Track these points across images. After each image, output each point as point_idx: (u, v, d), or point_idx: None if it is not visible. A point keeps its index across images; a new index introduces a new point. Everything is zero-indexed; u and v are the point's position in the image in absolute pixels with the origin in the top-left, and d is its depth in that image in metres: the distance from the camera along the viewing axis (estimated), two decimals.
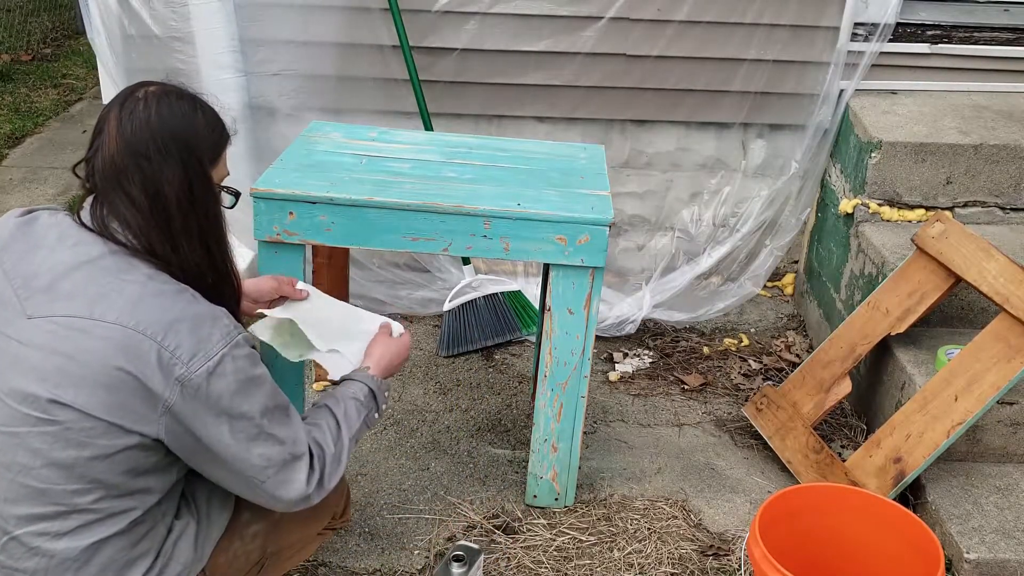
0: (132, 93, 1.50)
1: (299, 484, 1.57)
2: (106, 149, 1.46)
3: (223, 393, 1.45)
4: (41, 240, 1.48)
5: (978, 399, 2.30)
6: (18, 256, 1.48)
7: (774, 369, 3.15)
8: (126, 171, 1.45)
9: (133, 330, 1.39)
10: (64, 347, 1.40)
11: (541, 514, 2.43)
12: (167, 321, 1.41)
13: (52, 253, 1.46)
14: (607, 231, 2.13)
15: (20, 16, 6.24)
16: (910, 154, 2.99)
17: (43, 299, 1.43)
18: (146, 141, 1.46)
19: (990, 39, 3.33)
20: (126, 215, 1.46)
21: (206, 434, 1.46)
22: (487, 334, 3.17)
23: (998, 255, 2.45)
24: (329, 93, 3.22)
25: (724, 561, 2.30)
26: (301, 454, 1.58)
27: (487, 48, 3.17)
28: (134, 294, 1.42)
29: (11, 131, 4.82)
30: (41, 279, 1.44)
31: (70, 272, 1.44)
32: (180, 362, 1.41)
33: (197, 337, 1.43)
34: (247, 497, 1.59)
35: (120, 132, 1.46)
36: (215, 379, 1.43)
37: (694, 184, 3.47)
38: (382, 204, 2.12)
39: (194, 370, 1.42)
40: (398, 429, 2.75)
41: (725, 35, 3.19)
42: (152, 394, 1.40)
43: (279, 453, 1.54)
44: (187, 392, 1.42)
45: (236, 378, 1.46)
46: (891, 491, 2.33)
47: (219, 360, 1.44)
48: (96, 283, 1.42)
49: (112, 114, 1.48)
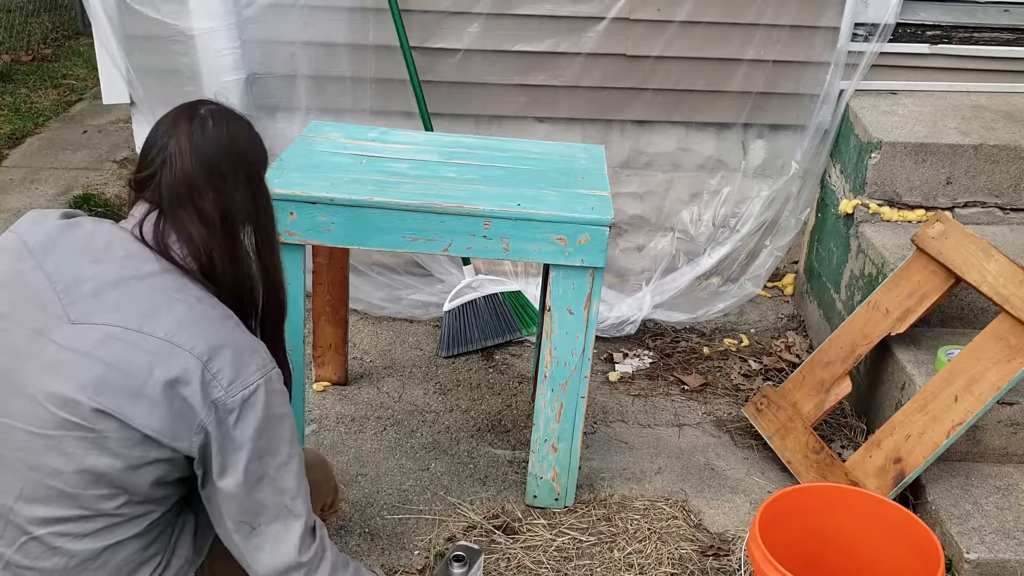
0: (194, 111, 1.52)
1: (289, 546, 1.53)
2: (177, 166, 1.48)
3: (250, 423, 1.46)
4: (86, 247, 1.48)
5: (978, 399, 2.30)
6: (61, 260, 1.47)
7: (774, 369, 3.15)
8: (200, 188, 1.48)
9: (182, 348, 1.41)
10: (109, 356, 1.39)
11: (541, 514, 2.43)
12: (213, 345, 1.43)
13: (98, 262, 1.46)
14: (607, 231, 2.13)
15: (20, 16, 6.24)
16: (910, 154, 2.99)
17: (88, 306, 1.42)
18: (219, 159, 1.50)
19: (990, 39, 3.33)
20: (191, 231, 1.48)
21: (222, 462, 1.46)
22: (487, 334, 3.17)
23: (998, 255, 2.45)
24: (329, 93, 3.22)
25: (724, 561, 2.30)
26: (299, 514, 1.54)
27: (488, 48, 3.18)
28: (184, 314, 1.44)
29: (11, 131, 4.82)
30: (86, 286, 1.44)
31: (118, 284, 1.44)
32: (220, 386, 1.43)
33: (238, 364, 1.45)
34: (233, 541, 1.54)
35: (194, 149, 1.48)
36: (247, 408, 1.45)
37: (694, 184, 3.47)
38: (382, 204, 2.12)
39: (232, 395, 1.43)
40: (398, 429, 2.76)
41: (725, 35, 3.20)
42: (192, 412, 1.42)
43: (277, 503, 1.52)
44: (220, 415, 1.43)
45: (266, 412, 1.47)
46: (891, 491, 2.33)
47: (254, 390, 1.46)
48: (146, 298, 1.44)
49: (181, 131, 1.49)
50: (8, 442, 1.42)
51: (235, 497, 1.48)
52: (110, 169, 4.46)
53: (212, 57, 3.01)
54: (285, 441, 1.52)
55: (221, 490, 1.48)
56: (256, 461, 1.48)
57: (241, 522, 1.51)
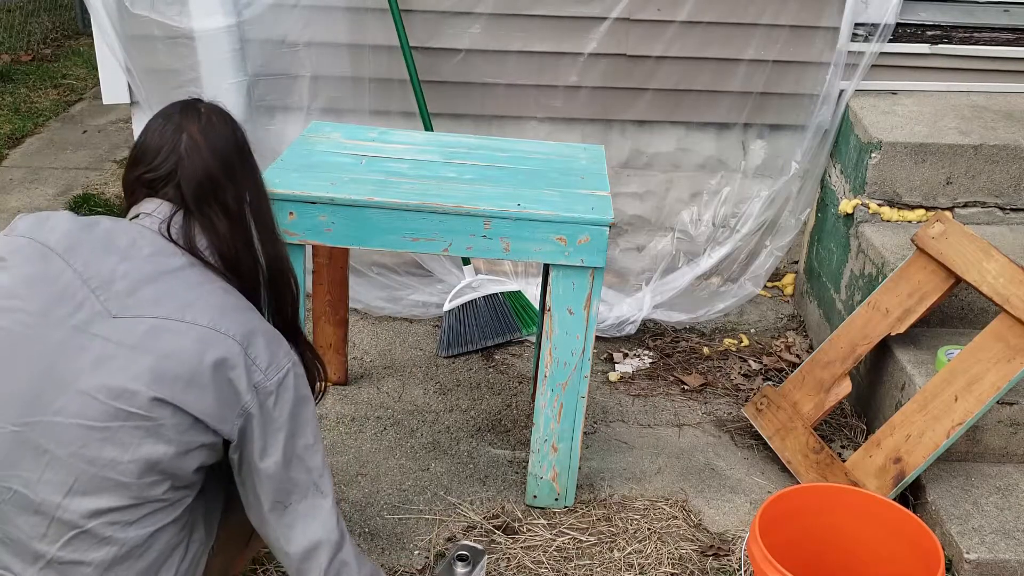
0: (195, 110, 1.59)
1: (319, 523, 1.61)
2: (197, 163, 1.54)
3: (285, 405, 1.54)
4: (110, 245, 1.50)
5: (978, 399, 2.31)
6: (89, 258, 1.49)
7: (774, 369, 3.15)
8: (221, 182, 1.56)
9: (225, 334, 1.47)
10: (158, 346, 1.44)
11: (541, 514, 2.43)
12: (249, 331, 1.51)
13: (126, 259, 1.49)
14: (607, 231, 2.13)
15: (20, 16, 6.25)
16: (910, 154, 2.99)
17: (128, 302, 1.46)
18: (231, 153, 1.58)
19: (990, 39, 3.33)
20: (218, 226, 1.56)
21: (263, 444, 1.54)
22: (487, 334, 3.17)
23: (998, 255, 2.45)
24: (329, 93, 3.22)
25: (724, 561, 2.30)
26: (326, 492, 1.63)
27: (488, 49, 3.18)
28: (219, 303, 1.51)
29: (11, 131, 4.82)
30: (120, 284, 1.47)
31: (151, 280, 1.48)
32: (259, 369, 1.50)
33: (271, 350, 1.53)
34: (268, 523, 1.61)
35: (209, 146, 1.55)
36: (283, 390, 1.53)
37: (694, 184, 3.47)
38: (382, 204, 2.12)
39: (269, 378, 1.51)
40: (398, 429, 2.76)
41: (725, 35, 3.20)
42: (237, 396, 1.49)
43: (306, 480, 1.60)
44: (260, 398, 1.51)
45: (296, 394, 1.56)
46: (891, 491, 2.33)
47: (286, 374, 1.54)
48: (182, 291, 1.49)
49: (192, 129, 1.55)
50: (58, 439, 1.43)
51: (274, 477, 1.56)
52: (110, 169, 4.46)
53: (213, 57, 3.01)
54: (312, 422, 1.61)
55: (262, 471, 1.55)
56: (290, 441, 1.56)
57: (276, 502, 1.58)
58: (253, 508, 1.61)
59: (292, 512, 1.60)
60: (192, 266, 1.52)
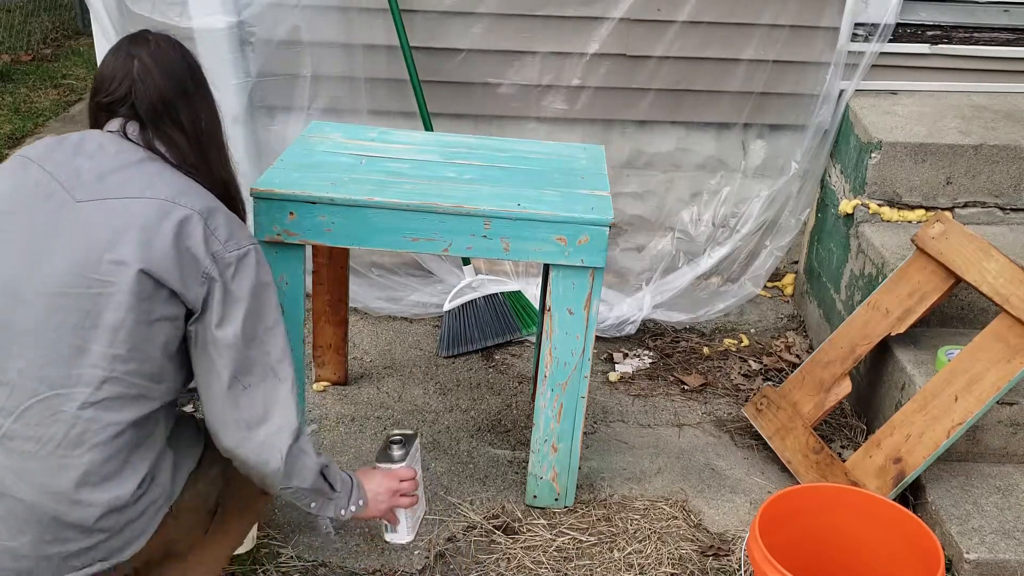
0: (143, 39, 1.67)
1: (277, 408, 1.64)
2: (150, 84, 1.62)
3: (245, 281, 1.60)
4: (80, 149, 1.61)
5: (978, 399, 2.31)
6: (59, 159, 1.59)
7: (774, 369, 3.15)
8: (174, 104, 1.64)
9: (184, 207, 1.56)
10: (120, 218, 1.53)
11: (541, 514, 2.43)
12: (209, 207, 1.60)
13: (93, 158, 1.59)
14: (607, 231, 2.13)
15: (20, 16, 6.25)
16: (910, 154, 2.99)
17: (92, 189, 1.55)
18: (184, 77, 1.66)
19: (990, 39, 3.33)
20: (176, 140, 1.65)
21: (221, 313, 1.58)
22: (487, 334, 3.17)
23: (998, 255, 2.45)
24: (329, 93, 3.22)
25: (724, 561, 2.30)
26: (285, 378, 1.66)
27: (489, 49, 3.18)
28: (182, 184, 1.61)
29: (11, 131, 4.82)
30: (87, 175, 1.57)
31: (116, 170, 1.58)
32: (218, 240, 1.58)
33: (231, 227, 1.61)
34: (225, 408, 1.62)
35: (161, 71, 1.63)
36: (243, 267, 1.60)
37: (694, 184, 3.47)
38: (382, 204, 2.12)
39: (229, 250, 1.59)
40: (398, 429, 2.75)
41: (725, 35, 3.20)
42: (197, 262, 1.55)
43: (264, 364, 1.64)
44: (220, 267, 1.58)
45: (258, 276, 1.63)
46: (891, 491, 2.33)
47: (247, 251, 1.62)
48: (145, 176, 1.58)
49: (142, 54, 1.63)
50: (26, 310, 1.50)
51: (232, 348, 1.60)
52: None
53: (213, 57, 3.01)
54: (273, 307, 1.67)
55: (220, 340, 1.59)
56: (250, 318, 1.61)
57: (234, 378, 1.61)
58: (210, 389, 1.61)
59: (251, 394, 1.62)
60: (154, 160, 1.62)
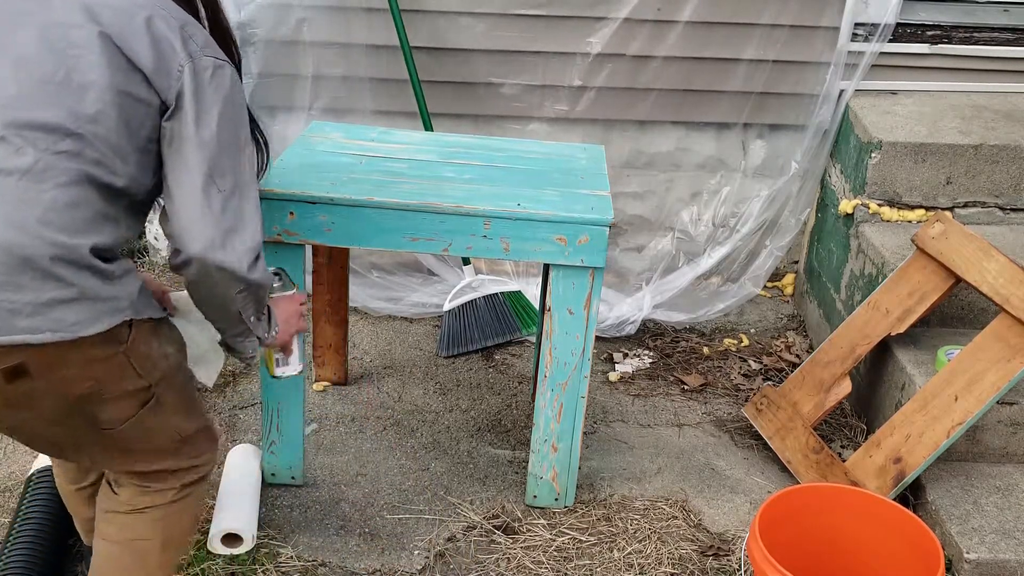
0: None
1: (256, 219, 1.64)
2: None
3: (221, 89, 1.60)
4: None
5: (978, 399, 2.31)
6: None
7: (774, 369, 3.15)
8: None
9: (164, 11, 1.59)
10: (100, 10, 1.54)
11: (541, 514, 2.43)
12: (187, 19, 1.62)
13: None
14: (607, 231, 2.13)
15: None
16: (910, 154, 2.99)
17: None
18: None
19: (990, 39, 3.33)
20: None
21: (197, 111, 1.57)
22: (487, 334, 3.17)
23: (998, 255, 2.45)
24: (329, 93, 3.22)
25: (724, 561, 2.30)
26: (250, 197, 1.65)
27: (490, 49, 3.18)
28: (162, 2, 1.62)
29: None
30: None
31: None
32: (196, 44, 1.59)
33: (209, 41, 1.63)
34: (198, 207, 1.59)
35: None
36: (218, 75, 1.60)
37: (694, 184, 3.47)
38: (382, 204, 2.12)
39: (206, 55, 1.59)
40: (398, 429, 2.76)
41: (725, 35, 3.20)
42: (173, 53, 1.56)
43: (236, 175, 1.62)
44: (196, 67, 1.57)
45: (231, 91, 1.62)
46: (891, 491, 2.33)
47: (223, 65, 1.62)
48: None
49: None
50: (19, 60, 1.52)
51: (208, 147, 1.58)
52: None
53: None
54: (246, 126, 1.68)
55: (196, 138, 1.58)
56: (226, 125, 1.61)
57: (209, 178, 1.59)
58: (186, 187, 1.59)
59: (224, 200, 1.59)
60: None
